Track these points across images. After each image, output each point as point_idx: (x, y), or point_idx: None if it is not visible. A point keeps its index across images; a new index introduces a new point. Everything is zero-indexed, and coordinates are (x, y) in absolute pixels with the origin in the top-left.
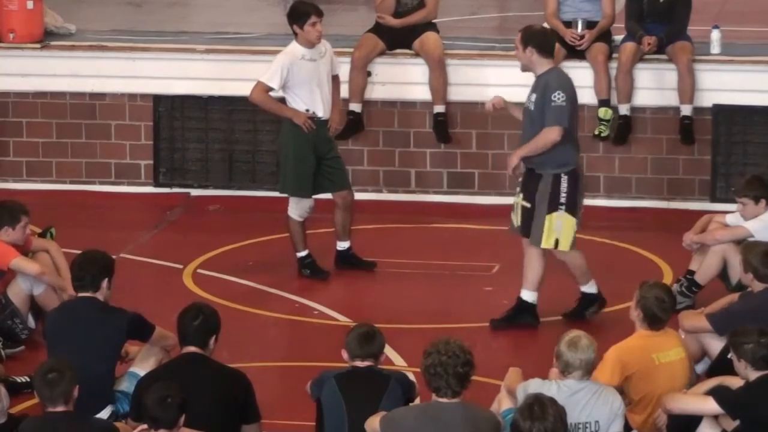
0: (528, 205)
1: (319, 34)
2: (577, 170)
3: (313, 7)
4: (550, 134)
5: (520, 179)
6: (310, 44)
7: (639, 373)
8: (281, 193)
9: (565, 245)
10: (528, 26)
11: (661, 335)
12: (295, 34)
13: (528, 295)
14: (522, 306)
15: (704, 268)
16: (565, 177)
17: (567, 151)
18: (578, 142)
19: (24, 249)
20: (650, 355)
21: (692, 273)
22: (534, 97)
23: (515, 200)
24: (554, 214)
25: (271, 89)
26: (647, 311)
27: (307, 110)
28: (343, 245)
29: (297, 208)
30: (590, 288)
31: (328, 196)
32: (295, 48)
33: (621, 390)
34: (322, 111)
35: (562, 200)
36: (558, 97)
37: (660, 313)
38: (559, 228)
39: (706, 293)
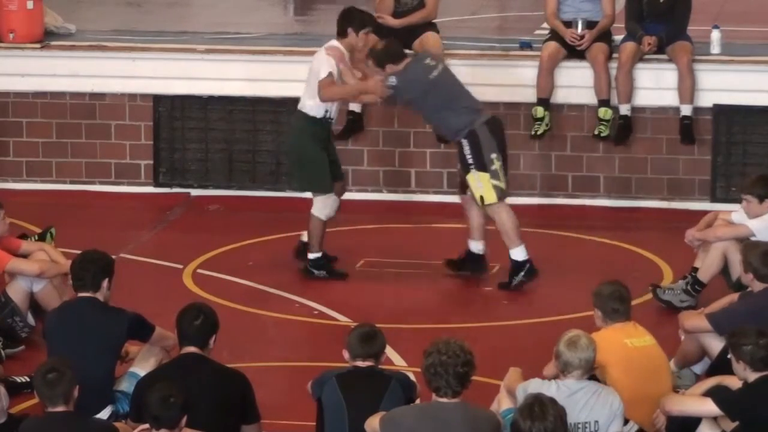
0: None
1: (366, 46)
2: (475, 131)
3: (373, 20)
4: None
5: None
6: (351, 50)
7: (615, 359)
8: (304, 191)
9: (490, 198)
10: (372, 49)
11: (629, 326)
12: (344, 35)
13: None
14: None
15: (706, 266)
16: (465, 141)
17: (453, 117)
18: (471, 105)
19: (12, 251)
20: (623, 341)
21: (697, 270)
22: None
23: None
24: (469, 176)
25: (332, 78)
26: (605, 307)
27: (326, 111)
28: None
29: (326, 207)
30: (519, 254)
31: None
32: (339, 46)
33: (604, 381)
34: (334, 111)
35: (470, 161)
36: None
37: (616, 305)
38: (479, 186)
39: (709, 292)
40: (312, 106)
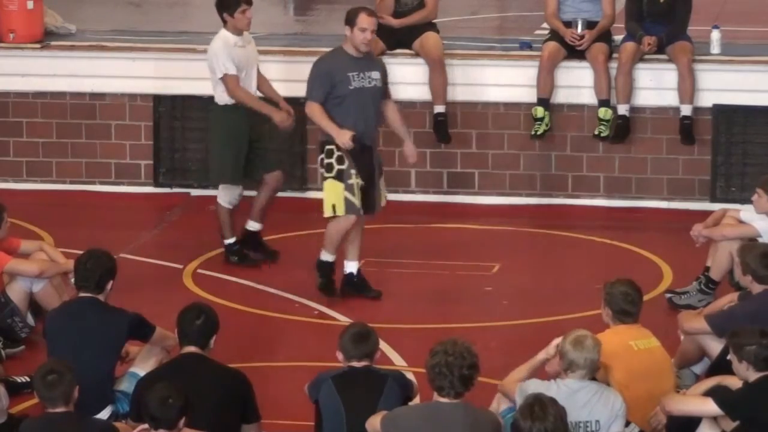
0: (363, 182)
1: (249, 21)
2: None
3: None
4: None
5: (345, 164)
6: (239, 32)
7: (619, 362)
8: (212, 182)
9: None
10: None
11: (635, 328)
12: (225, 21)
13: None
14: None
15: (716, 265)
16: None
17: None
18: None
19: (12, 251)
20: (628, 342)
21: (709, 269)
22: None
23: (353, 182)
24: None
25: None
26: (615, 307)
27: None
28: (256, 226)
29: (227, 195)
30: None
31: None
32: (226, 35)
33: (607, 382)
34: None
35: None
36: None
37: (628, 306)
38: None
39: (719, 291)
40: (221, 95)
